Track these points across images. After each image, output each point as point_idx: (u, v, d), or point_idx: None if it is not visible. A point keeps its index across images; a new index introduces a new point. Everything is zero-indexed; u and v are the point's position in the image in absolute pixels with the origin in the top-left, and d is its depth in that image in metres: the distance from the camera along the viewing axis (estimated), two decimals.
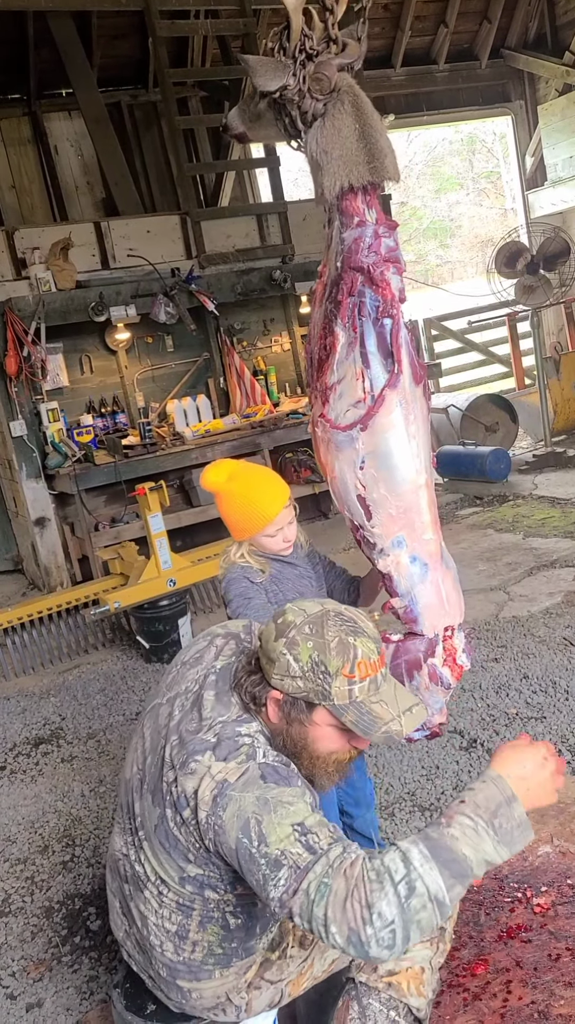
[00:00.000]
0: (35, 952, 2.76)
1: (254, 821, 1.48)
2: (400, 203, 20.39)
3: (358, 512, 2.23)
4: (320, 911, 1.39)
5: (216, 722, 1.64)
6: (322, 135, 2.07)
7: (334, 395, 2.20)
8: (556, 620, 4.45)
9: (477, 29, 9.71)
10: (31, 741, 4.29)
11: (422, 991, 1.89)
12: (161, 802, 1.67)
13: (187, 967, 1.74)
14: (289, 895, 1.42)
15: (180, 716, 1.72)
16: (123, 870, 1.82)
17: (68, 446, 5.97)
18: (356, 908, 1.37)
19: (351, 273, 2.13)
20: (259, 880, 1.47)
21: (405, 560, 2.24)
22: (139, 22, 7.54)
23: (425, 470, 2.23)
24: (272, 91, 2.07)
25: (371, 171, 2.08)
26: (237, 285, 6.67)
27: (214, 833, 1.55)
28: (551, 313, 9.30)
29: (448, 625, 2.29)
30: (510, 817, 1.44)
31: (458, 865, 1.40)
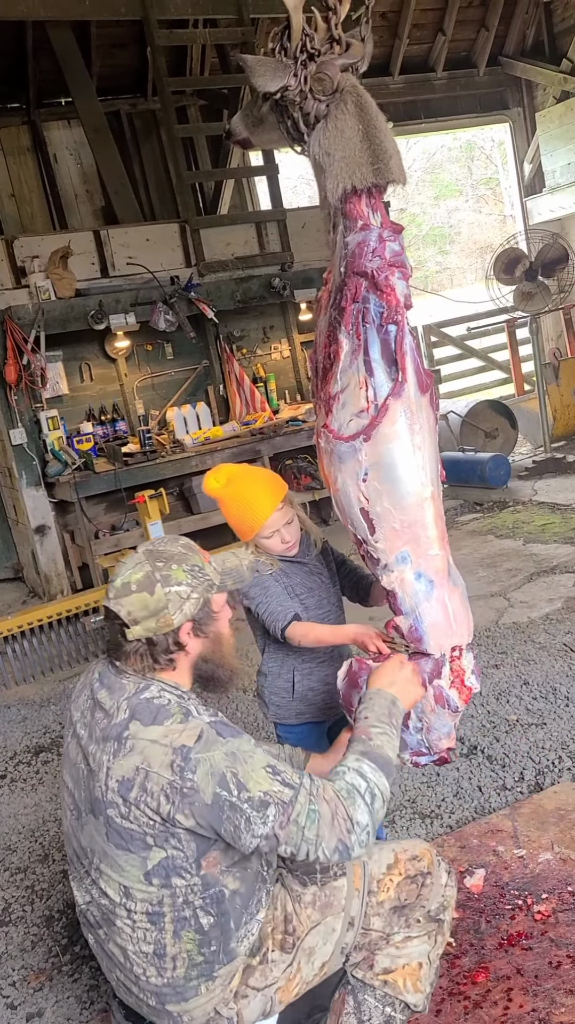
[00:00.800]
0: (35, 962, 2.76)
1: (230, 774, 1.63)
2: (399, 210, 20.43)
3: (361, 526, 2.13)
4: (312, 833, 1.64)
5: (120, 702, 1.74)
6: (325, 136, 2.01)
7: (337, 405, 2.11)
8: (556, 626, 4.44)
9: (475, 37, 9.75)
10: (31, 749, 4.29)
11: (419, 987, 1.93)
12: (102, 810, 1.71)
13: (173, 989, 1.75)
14: (279, 827, 1.63)
15: (87, 730, 1.79)
16: (91, 918, 1.82)
17: (68, 454, 5.97)
18: (341, 823, 1.65)
19: (355, 278, 2.05)
20: (241, 824, 1.62)
21: (410, 577, 2.12)
22: (138, 31, 7.58)
23: (431, 482, 2.11)
24: (272, 92, 2.01)
25: (375, 172, 1.99)
26: (236, 293, 6.69)
27: (180, 797, 1.63)
28: (550, 319, 9.32)
29: (456, 645, 2.17)
30: (398, 713, 1.89)
31: (389, 765, 1.77)
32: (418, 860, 1.97)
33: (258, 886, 1.82)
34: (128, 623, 1.75)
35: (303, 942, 1.84)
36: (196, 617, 1.80)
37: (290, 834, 1.63)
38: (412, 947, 1.94)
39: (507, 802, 3.06)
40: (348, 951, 1.90)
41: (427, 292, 14.28)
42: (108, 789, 1.69)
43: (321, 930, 1.86)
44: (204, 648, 1.84)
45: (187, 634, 1.79)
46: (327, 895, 1.88)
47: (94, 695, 1.81)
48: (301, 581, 2.48)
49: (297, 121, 2.06)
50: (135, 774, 1.66)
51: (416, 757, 2.26)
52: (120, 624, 1.76)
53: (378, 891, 1.92)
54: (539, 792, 3.06)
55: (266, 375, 7.14)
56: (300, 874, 1.91)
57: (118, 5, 6.69)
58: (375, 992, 1.93)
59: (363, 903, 1.90)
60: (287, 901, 1.86)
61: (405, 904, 1.93)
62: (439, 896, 1.96)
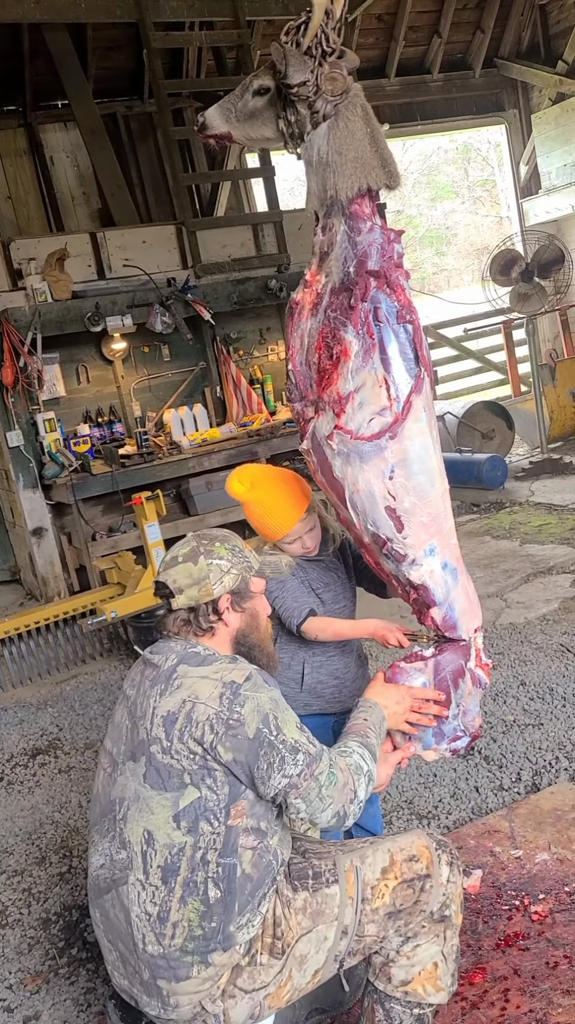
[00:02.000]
0: (32, 964, 2.75)
1: (271, 716, 1.78)
2: (396, 211, 20.47)
3: (387, 524, 2.13)
4: (328, 792, 1.81)
5: (169, 655, 1.90)
6: (334, 136, 2.04)
7: (352, 405, 2.09)
8: (553, 627, 4.45)
9: (470, 39, 9.77)
10: (28, 752, 4.28)
11: (439, 985, 1.96)
12: (144, 750, 1.82)
13: (167, 962, 1.76)
14: (303, 778, 1.78)
15: (136, 688, 1.93)
16: (103, 882, 1.85)
17: (65, 456, 5.97)
18: (348, 792, 1.85)
19: (366, 278, 2.06)
20: (275, 762, 1.76)
21: (438, 567, 2.19)
22: (134, 34, 7.58)
23: (445, 475, 2.21)
24: (293, 84, 2.02)
25: (387, 175, 2.07)
26: (233, 294, 6.69)
27: (226, 728, 1.75)
28: (546, 320, 9.33)
29: (476, 626, 2.30)
30: (383, 732, 2.11)
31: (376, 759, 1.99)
32: (415, 861, 1.94)
33: (267, 881, 1.82)
34: (174, 592, 1.93)
35: (294, 949, 1.84)
36: (235, 590, 1.96)
37: (309, 788, 1.78)
38: (422, 952, 1.94)
39: (504, 803, 3.06)
40: (342, 958, 1.90)
41: (424, 293, 14.28)
42: (153, 726, 1.80)
43: (313, 938, 1.85)
44: (242, 624, 1.98)
45: (226, 606, 1.95)
46: (319, 902, 1.87)
47: (145, 660, 1.95)
48: (318, 576, 2.52)
49: (302, 119, 2.08)
50: (181, 706, 1.78)
51: (454, 743, 2.34)
52: (167, 595, 1.94)
53: (372, 898, 1.90)
54: (536, 793, 3.07)
55: (263, 377, 7.14)
56: (293, 879, 1.90)
57: (114, 8, 6.69)
58: (399, 1000, 1.97)
59: (357, 911, 1.89)
60: (277, 905, 1.85)
61: (401, 909, 1.92)
62: (440, 895, 1.94)
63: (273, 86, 2.09)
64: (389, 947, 1.94)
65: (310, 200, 2.15)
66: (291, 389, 2.29)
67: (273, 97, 2.10)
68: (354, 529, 2.24)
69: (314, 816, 1.81)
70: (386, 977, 1.96)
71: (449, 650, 2.28)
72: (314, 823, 1.85)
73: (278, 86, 2.08)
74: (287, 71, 2.01)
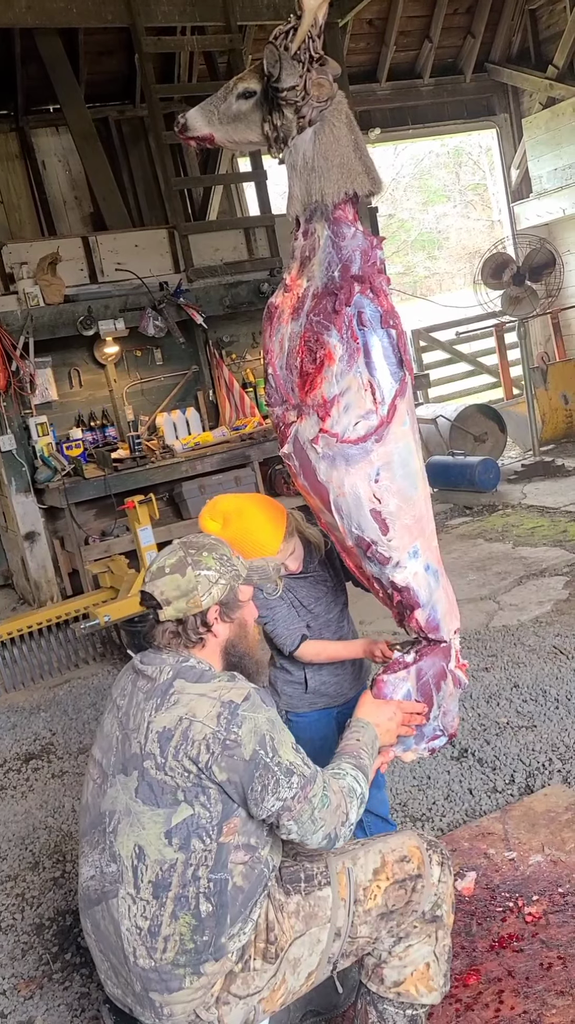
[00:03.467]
0: (26, 970, 2.74)
1: (268, 737, 1.77)
2: (388, 215, 20.52)
3: (372, 527, 2.13)
4: (320, 815, 1.78)
5: (164, 667, 1.86)
6: (320, 142, 2.06)
7: (337, 408, 2.09)
8: (546, 629, 4.46)
9: (461, 44, 9.81)
10: (21, 757, 4.27)
11: (432, 985, 1.97)
12: (137, 764, 1.79)
13: (159, 975, 1.74)
14: (297, 800, 1.76)
15: (128, 699, 1.89)
16: (93, 894, 1.84)
17: (57, 460, 5.96)
18: (340, 815, 1.82)
19: (350, 282, 2.07)
20: (270, 785, 1.74)
21: (421, 570, 2.21)
22: (126, 38, 7.59)
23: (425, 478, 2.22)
24: (283, 89, 2.04)
25: (371, 181, 2.10)
26: (225, 298, 6.70)
27: (222, 748, 1.73)
28: (538, 324, 9.36)
29: (455, 628, 2.32)
30: (375, 751, 2.08)
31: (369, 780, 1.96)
32: (407, 862, 1.95)
33: (259, 890, 1.82)
34: (161, 603, 1.89)
35: (288, 952, 1.83)
36: (223, 601, 1.93)
37: (302, 811, 1.76)
38: (414, 953, 1.94)
39: (498, 805, 3.07)
40: (336, 960, 1.90)
41: (416, 297, 14.32)
42: (147, 741, 1.78)
43: (306, 941, 1.85)
44: (231, 634, 1.96)
45: (215, 617, 1.92)
46: (311, 905, 1.87)
47: (136, 670, 1.92)
48: (307, 593, 2.52)
49: (288, 123, 2.09)
50: (177, 724, 1.76)
51: (432, 743, 2.36)
52: (155, 606, 1.90)
53: (364, 899, 1.90)
54: (530, 794, 3.07)
55: (255, 380, 7.15)
56: (285, 883, 1.90)
57: (105, 13, 6.70)
58: (393, 1002, 1.97)
59: (350, 913, 1.89)
60: (270, 910, 1.84)
61: (393, 910, 1.92)
62: (432, 895, 1.95)
63: (259, 89, 2.10)
64: (381, 948, 1.94)
65: (292, 205, 2.15)
66: (270, 393, 2.27)
67: (259, 100, 2.11)
68: (337, 533, 2.24)
69: (304, 838, 1.79)
70: (379, 978, 1.96)
71: (429, 654, 2.29)
72: (303, 844, 1.82)
73: (265, 89, 2.09)
74: (280, 75, 2.03)
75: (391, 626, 4.16)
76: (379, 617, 4.42)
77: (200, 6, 6.99)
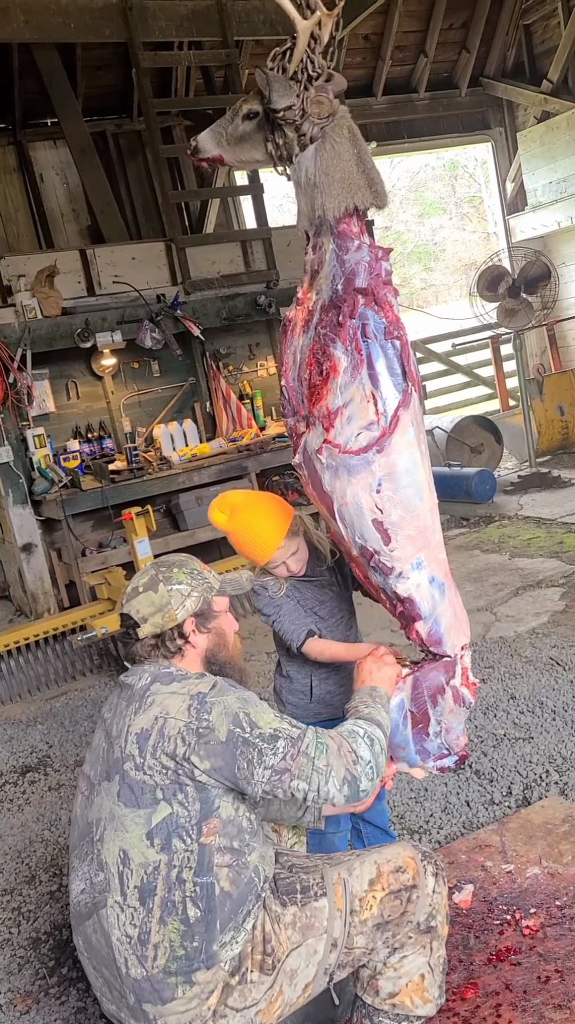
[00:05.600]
0: (22, 984, 2.73)
1: (242, 714, 1.80)
2: (384, 228, 20.61)
3: (374, 537, 2.16)
4: (322, 763, 1.78)
5: (143, 674, 1.93)
6: (321, 158, 2.09)
7: (340, 419, 2.13)
8: (543, 640, 4.46)
9: (456, 58, 9.89)
10: (18, 769, 4.26)
11: (427, 997, 1.97)
12: (118, 768, 1.84)
13: (151, 985, 1.75)
14: (288, 759, 1.77)
15: (113, 711, 1.94)
16: (84, 908, 1.85)
17: (55, 472, 5.97)
18: (347, 755, 1.82)
19: (354, 295, 2.11)
20: (253, 758, 1.75)
21: (425, 581, 2.20)
22: (123, 53, 7.64)
23: (434, 489, 2.23)
24: (280, 109, 2.08)
25: (374, 195, 2.12)
26: (222, 310, 6.73)
27: (197, 737, 1.77)
28: (533, 335, 9.40)
29: (463, 644, 2.29)
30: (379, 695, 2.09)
31: (381, 724, 1.97)
32: (402, 872, 1.95)
33: (250, 898, 1.82)
34: (138, 621, 1.96)
35: (284, 964, 1.83)
36: (198, 612, 1.99)
37: (301, 766, 1.77)
38: (409, 964, 1.95)
39: (495, 817, 3.07)
40: (332, 971, 1.90)
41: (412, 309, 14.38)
42: (127, 743, 1.83)
43: (303, 952, 1.85)
44: (210, 643, 2.02)
45: (191, 629, 1.99)
46: (308, 916, 1.87)
47: (121, 684, 1.98)
48: (312, 595, 2.54)
49: (290, 141, 2.13)
50: (153, 723, 1.81)
51: (440, 762, 2.35)
52: (132, 625, 1.96)
53: (360, 909, 1.91)
54: (527, 807, 3.07)
55: (252, 392, 7.17)
56: (281, 894, 1.90)
57: (103, 28, 6.75)
58: (388, 1014, 1.97)
59: (346, 923, 1.89)
60: (266, 922, 1.85)
61: (388, 920, 1.92)
62: (427, 906, 1.95)
63: (261, 110, 2.14)
64: (376, 959, 1.94)
65: (300, 220, 2.21)
66: (284, 404, 2.33)
67: (261, 121, 2.16)
68: (343, 542, 2.26)
69: (323, 793, 1.77)
70: (374, 990, 1.96)
71: (429, 667, 2.28)
72: (327, 801, 1.79)
73: (265, 110, 2.12)
74: (271, 96, 2.07)
75: (390, 637, 4.17)
76: (378, 628, 4.42)
77: (197, 21, 7.05)
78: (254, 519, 2.41)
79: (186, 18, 7.01)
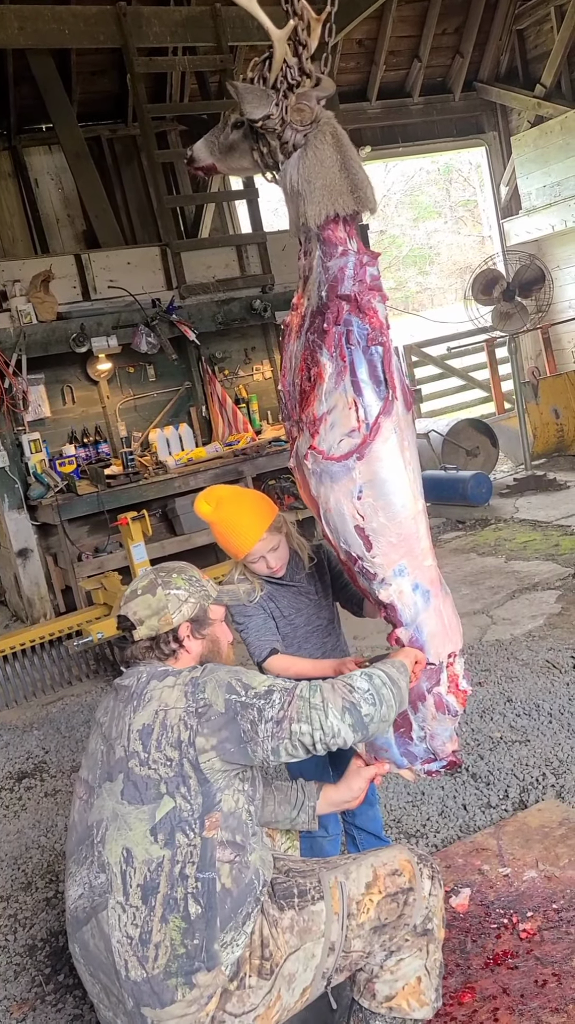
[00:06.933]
0: (18, 991, 2.72)
1: (234, 681, 1.85)
2: (379, 231, 20.64)
3: (356, 543, 2.17)
4: (318, 699, 1.81)
5: (141, 674, 1.95)
6: (303, 165, 2.09)
7: (324, 426, 2.14)
8: (539, 643, 4.47)
9: (450, 63, 9.93)
10: (14, 775, 4.25)
11: (423, 1000, 1.97)
12: (122, 767, 1.85)
13: (151, 987, 1.74)
14: (286, 707, 1.80)
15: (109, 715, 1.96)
16: (81, 913, 1.85)
17: (50, 476, 5.96)
18: (341, 689, 1.85)
19: (337, 302, 2.11)
20: (254, 716, 1.79)
21: (407, 588, 2.20)
22: (118, 58, 7.66)
23: (420, 496, 2.21)
24: (257, 119, 2.08)
25: (356, 200, 2.11)
26: (218, 315, 6.74)
27: (197, 718, 1.81)
28: (528, 339, 9.43)
29: (451, 651, 2.27)
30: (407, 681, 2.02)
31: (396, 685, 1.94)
32: (398, 875, 1.95)
33: (249, 900, 1.82)
34: (135, 623, 1.99)
35: (282, 968, 1.83)
36: (194, 618, 2.02)
37: (299, 709, 1.80)
38: (406, 967, 1.95)
39: (492, 820, 3.06)
40: (330, 975, 1.90)
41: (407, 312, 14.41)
42: (130, 742, 1.85)
43: (300, 956, 1.85)
44: (204, 650, 2.05)
45: (186, 634, 2.02)
46: (305, 920, 1.88)
47: (116, 687, 2.00)
48: (288, 603, 2.53)
49: (274, 149, 2.13)
50: (154, 717, 1.84)
51: (427, 765, 2.33)
52: (129, 627, 1.99)
53: (358, 913, 1.91)
54: (523, 810, 3.07)
55: (248, 396, 7.17)
56: (278, 898, 1.90)
57: (97, 33, 6.76)
58: (385, 1017, 1.96)
59: (343, 927, 1.89)
60: (264, 926, 1.85)
61: (385, 923, 1.92)
62: (423, 909, 1.96)
63: (245, 120, 2.14)
64: (373, 963, 1.94)
65: (291, 227, 2.21)
66: (282, 408, 2.36)
67: (247, 130, 2.16)
68: (333, 546, 2.28)
69: (328, 728, 1.78)
70: (370, 994, 1.96)
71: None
72: (335, 736, 1.79)
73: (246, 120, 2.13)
74: (244, 108, 2.07)
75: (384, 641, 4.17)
76: (373, 632, 4.42)
77: (191, 27, 7.07)
78: (239, 510, 2.44)
79: (180, 24, 7.03)
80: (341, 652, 2.63)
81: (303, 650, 2.54)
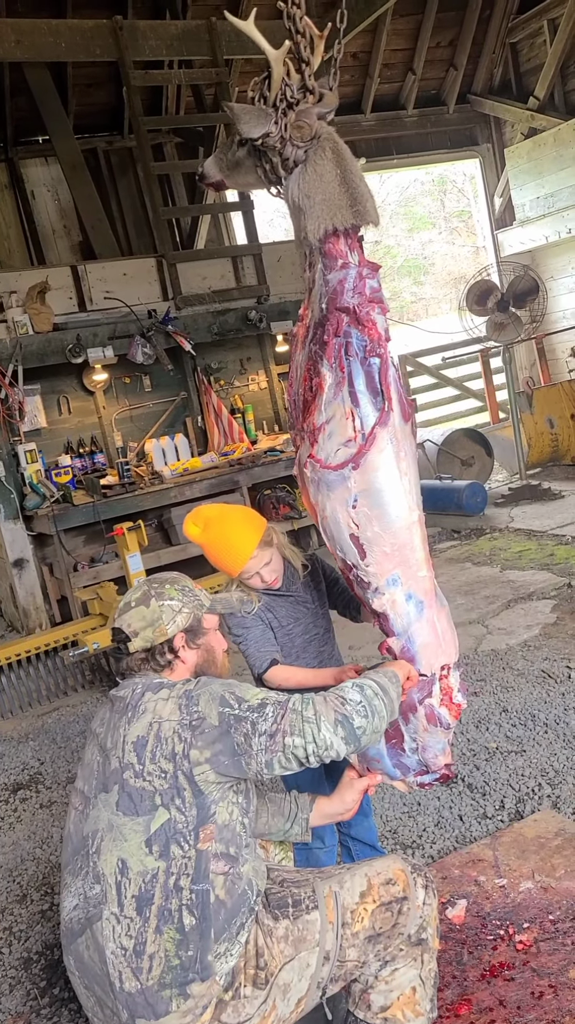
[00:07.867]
0: (13, 1005, 2.71)
1: (228, 694, 1.86)
2: (374, 242, 20.74)
3: (351, 551, 2.19)
4: (310, 712, 1.82)
5: (136, 686, 1.96)
6: (304, 180, 2.13)
7: (323, 435, 2.18)
8: (534, 653, 4.47)
9: (444, 76, 10.01)
10: (9, 787, 4.23)
11: (418, 1010, 1.96)
12: (117, 778, 1.85)
13: (145, 999, 1.74)
14: (279, 720, 1.80)
15: (105, 726, 1.96)
16: (76, 925, 1.85)
17: (46, 487, 5.97)
18: (333, 700, 1.86)
19: (336, 314, 2.14)
20: (247, 729, 1.80)
21: (401, 598, 2.21)
22: (114, 71, 7.71)
23: (417, 506, 2.22)
24: (255, 138, 2.12)
25: (354, 214, 2.14)
26: (213, 325, 6.76)
27: (191, 731, 1.81)
28: (523, 349, 9.47)
29: (445, 663, 2.26)
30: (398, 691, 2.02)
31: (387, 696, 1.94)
32: (392, 884, 1.96)
33: (243, 910, 1.82)
34: (129, 635, 2.00)
35: (277, 978, 1.83)
36: (188, 628, 2.04)
37: (291, 722, 1.81)
38: (400, 977, 1.94)
39: (488, 831, 3.06)
40: (325, 985, 1.89)
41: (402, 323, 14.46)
42: (125, 753, 1.86)
43: (295, 966, 1.85)
44: (199, 659, 2.06)
45: (181, 644, 2.03)
46: (300, 929, 1.88)
47: (111, 699, 2.00)
48: (287, 613, 2.54)
49: (276, 165, 2.18)
50: (148, 729, 1.85)
51: (420, 778, 2.33)
52: (124, 639, 2.00)
53: (352, 922, 1.91)
54: (519, 820, 3.06)
55: (244, 406, 7.19)
56: (273, 908, 1.90)
57: (93, 47, 6.81)
58: None
59: (338, 936, 1.89)
60: (259, 936, 1.84)
61: (380, 932, 1.92)
62: (417, 918, 1.96)
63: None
64: (368, 973, 1.94)
65: (295, 240, 2.25)
66: (290, 417, 2.41)
67: (251, 147, 2.20)
68: (331, 553, 2.30)
69: (320, 742, 1.79)
70: (366, 1004, 1.95)
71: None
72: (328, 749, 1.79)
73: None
74: (240, 128, 2.12)
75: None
76: (368, 642, 4.42)
77: (187, 40, 7.12)
78: (227, 530, 2.44)
79: (176, 37, 7.08)
80: (337, 661, 2.64)
81: (301, 660, 2.54)
